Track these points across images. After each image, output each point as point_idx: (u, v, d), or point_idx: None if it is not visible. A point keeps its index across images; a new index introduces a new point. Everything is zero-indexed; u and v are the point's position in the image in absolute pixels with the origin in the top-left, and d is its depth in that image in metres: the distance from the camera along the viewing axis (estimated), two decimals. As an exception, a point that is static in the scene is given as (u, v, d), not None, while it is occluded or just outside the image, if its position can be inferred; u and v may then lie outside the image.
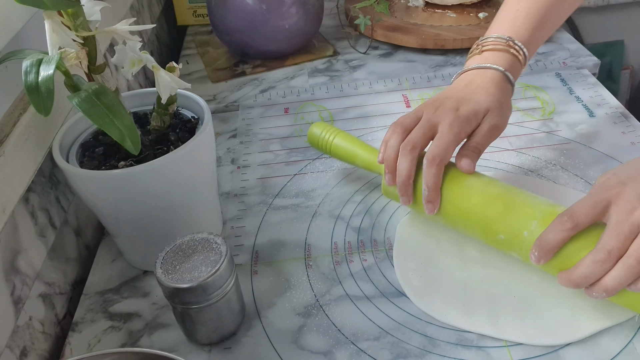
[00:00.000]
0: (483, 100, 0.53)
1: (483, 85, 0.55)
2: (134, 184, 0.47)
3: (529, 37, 0.58)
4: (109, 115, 0.42)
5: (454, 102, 0.53)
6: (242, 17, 0.84)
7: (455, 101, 0.53)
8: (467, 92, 0.55)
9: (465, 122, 0.52)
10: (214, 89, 0.86)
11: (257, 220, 0.61)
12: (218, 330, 0.48)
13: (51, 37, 0.42)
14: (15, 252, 0.48)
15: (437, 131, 0.52)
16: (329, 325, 0.49)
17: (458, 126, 0.51)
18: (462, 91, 0.55)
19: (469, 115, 0.52)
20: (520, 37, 0.58)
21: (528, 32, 0.58)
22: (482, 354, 0.46)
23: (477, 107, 0.53)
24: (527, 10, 0.59)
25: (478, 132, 0.53)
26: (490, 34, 0.59)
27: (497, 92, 0.55)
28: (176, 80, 0.48)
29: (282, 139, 0.74)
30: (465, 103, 0.53)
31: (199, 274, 0.43)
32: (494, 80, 0.55)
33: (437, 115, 0.52)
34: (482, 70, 0.57)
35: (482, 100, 0.53)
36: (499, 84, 0.56)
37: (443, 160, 0.50)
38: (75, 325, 0.52)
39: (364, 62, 0.89)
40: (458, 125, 0.51)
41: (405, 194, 0.52)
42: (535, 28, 0.59)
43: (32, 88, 0.41)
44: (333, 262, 0.55)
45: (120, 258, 0.58)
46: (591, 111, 0.73)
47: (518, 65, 0.58)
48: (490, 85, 0.55)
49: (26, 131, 0.48)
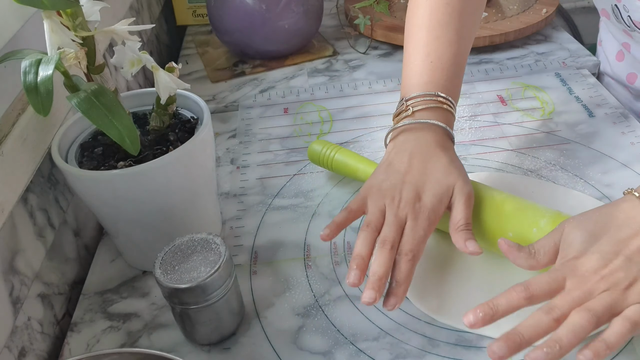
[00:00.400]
0: (442, 178, 0.50)
1: (431, 157, 0.52)
2: (133, 184, 0.47)
3: (451, 85, 0.56)
4: (108, 116, 0.42)
5: (413, 190, 0.50)
6: (242, 17, 0.84)
7: (414, 188, 0.50)
8: (419, 171, 0.51)
9: (432, 212, 0.49)
10: (214, 89, 0.86)
11: (256, 221, 0.61)
12: (217, 331, 0.48)
13: (50, 37, 0.42)
14: (14, 252, 0.48)
15: (406, 226, 0.48)
16: (328, 325, 0.49)
17: (426, 219, 0.48)
18: (413, 171, 0.51)
19: (434, 204, 0.49)
20: (444, 89, 0.55)
21: (448, 80, 0.56)
22: (482, 354, 0.46)
23: (440, 191, 0.50)
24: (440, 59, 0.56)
25: (456, 210, 0.50)
26: (412, 91, 0.55)
27: (446, 157, 0.52)
28: (175, 80, 0.48)
29: (282, 139, 0.73)
30: (426, 189, 0.50)
31: (198, 274, 0.43)
32: (438, 144, 0.53)
33: (402, 210, 0.49)
34: (421, 133, 0.53)
35: (441, 179, 0.50)
36: (443, 144, 0.53)
37: (416, 257, 0.47)
38: (74, 326, 0.52)
39: (363, 62, 0.89)
40: (426, 219, 0.48)
41: (377, 290, 0.45)
42: (455, 76, 0.57)
43: (31, 88, 0.41)
44: (332, 262, 0.55)
45: (119, 258, 0.58)
46: (591, 111, 0.73)
47: (452, 118, 0.55)
48: (435, 151, 0.52)
49: (25, 131, 0.48)
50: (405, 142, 0.53)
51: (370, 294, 0.44)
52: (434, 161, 0.51)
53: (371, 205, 0.50)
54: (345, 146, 0.70)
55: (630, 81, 0.75)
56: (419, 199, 0.49)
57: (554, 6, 0.92)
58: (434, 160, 0.51)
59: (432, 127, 0.53)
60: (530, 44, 0.90)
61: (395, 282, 0.46)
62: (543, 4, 0.93)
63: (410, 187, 0.50)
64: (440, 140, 0.53)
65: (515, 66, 0.84)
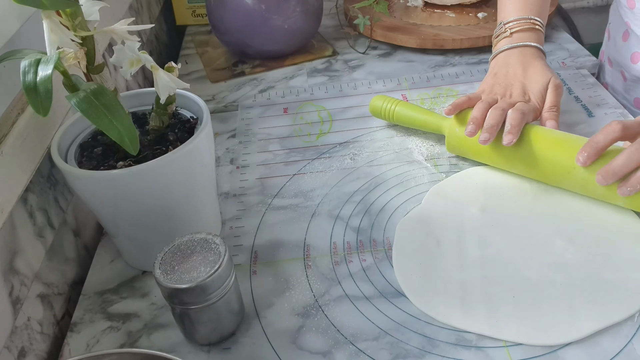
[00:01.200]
0: (540, 78, 0.65)
1: (530, 64, 0.66)
2: (132, 184, 0.47)
3: (541, 10, 0.70)
4: (107, 116, 0.42)
5: (521, 87, 0.65)
6: (241, 17, 0.84)
7: (521, 86, 0.65)
8: (522, 75, 0.66)
9: (537, 103, 0.64)
10: (213, 89, 0.86)
11: (256, 221, 0.61)
12: (217, 331, 0.48)
13: (49, 37, 0.42)
14: (14, 252, 0.48)
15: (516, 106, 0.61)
16: (328, 325, 0.49)
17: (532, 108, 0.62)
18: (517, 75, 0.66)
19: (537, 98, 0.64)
20: (536, 13, 0.69)
21: (539, 6, 0.70)
22: (481, 354, 0.46)
23: (541, 87, 0.64)
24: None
25: (549, 97, 0.64)
26: (510, 16, 0.70)
27: (540, 63, 0.66)
28: (175, 80, 0.48)
29: (281, 139, 0.73)
30: (530, 87, 0.65)
31: (198, 275, 0.43)
32: (534, 55, 0.67)
33: (513, 99, 0.63)
34: (520, 48, 0.68)
35: (540, 78, 0.65)
36: (537, 55, 0.68)
37: (524, 114, 0.59)
38: (73, 326, 0.52)
39: (363, 62, 0.89)
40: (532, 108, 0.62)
41: (490, 133, 0.58)
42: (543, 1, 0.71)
43: (31, 88, 0.41)
44: (332, 262, 0.55)
45: (119, 258, 0.58)
46: (590, 111, 0.73)
47: (542, 38, 0.70)
48: (534, 61, 0.67)
49: (24, 131, 0.48)
50: (506, 57, 0.69)
51: (486, 135, 0.58)
52: (533, 66, 0.66)
53: (486, 97, 0.64)
54: (345, 146, 0.70)
55: (634, 61, 0.76)
56: (526, 93, 0.65)
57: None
58: (532, 66, 0.66)
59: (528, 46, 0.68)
60: (530, 43, 0.90)
61: (510, 125, 0.58)
62: (542, 4, 0.93)
63: (518, 85, 0.65)
64: (535, 53, 0.68)
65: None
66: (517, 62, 0.67)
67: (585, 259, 0.52)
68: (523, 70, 0.66)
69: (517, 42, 0.68)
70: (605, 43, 0.86)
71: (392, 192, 0.63)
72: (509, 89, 0.65)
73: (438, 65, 0.86)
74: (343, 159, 0.68)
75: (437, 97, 0.79)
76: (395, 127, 0.73)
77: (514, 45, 0.68)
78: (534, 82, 0.65)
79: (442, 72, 0.84)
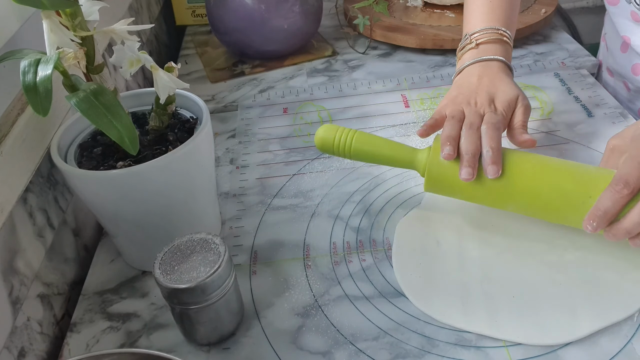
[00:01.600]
0: (509, 90, 0.59)
1: (497, 77, 0.61)
2: (132, 184, 0.47)
3: (509, 22, 0.66)
4: (107, 116, 0.42)
5: (487, 95, 0.59)
6: (241, 17, 0.84)
7: (487, 94, 0.59)
8: (489, 85, 0.60)
9: (505, 112, 0.58)
10: (213, 89, 0.86)
11: (255, 221, 0.61)
12: (217, 331, 0.48)
13: (49, 37, 0.42)
14: (14, 252, 0.48)
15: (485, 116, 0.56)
16: (328, 325, 0.49)
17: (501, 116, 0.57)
18: (483, 85, 0.60)
19: (505, 107, 0.58)
20: (504, 24, 0.64)
21: (507, 17, 0.65)
22: (481, 354, 0.46)
23: (509, 98, 0.58)
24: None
25: (516, 115, 0.58)
26: (475, 27, 0.65)
27: (508, 78, 0.61)
28: (175, 80, 0.48)
29: (281, 139, 0.73)
30: (497, 95, 0.59)
31: (198, 275, 0.43)
32: (501, 69, 0.62)
33: (479, 108, 0.57)
34: (486, 62, 0.62)
35: (508, 90, 0.59)
36: (507, 72, 0.62)
37: (499, 130, 0.54)
38: (73, 326, 0.52)
39: (362, 62, 0.89)
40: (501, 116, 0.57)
41: (471, 166, 0.52)
42: (511, 11, 0.66)
43: (30, 88, 0.41)
44: (332, 262, 0.55)
45: (118, 258, 0.58)
46: (590, 111, 0.73)
47: (510, 52, 0.65)
48: (501, 75, 0.61)
49: (24, 131, 0.48)
50: (471, 69, 0.63)
51: (468, 170, 0.51)
52: (499, 79, 0.61)
53: (450, 110, 0.57)
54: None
55: (636, 72, 0.75)
56: (492, 102, 0.58)
57: (553, 6, 0.92)
58: (499, 79, 0.61)
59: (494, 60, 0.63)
60: (529, 44, 0.90)
61: (489, 149, 0.52)
62: (542, 4, 0.93)
63: (483, 94, 0.59)
64: (502, 68, 0.62)
65: (514, 66, 0.84)
66: (483, 73, 0.61)
67: (585, 259, 0.52)
68: (490, 80, 0.60)
69: (483, 54, 0.63)
70: (602, 52, 0.86)
71: (392, 192, 0.63)
72: (472, 96, 0.59)
73: (438, 65, 0.86)
74: (343, 159, 0.68)
75: (436, 97, 0.79)
76: (395, 127, 0.73)
77: (480, 59, 0.63)
78: (500, 92, 0.59)
79: (442, 72, 0.84)
